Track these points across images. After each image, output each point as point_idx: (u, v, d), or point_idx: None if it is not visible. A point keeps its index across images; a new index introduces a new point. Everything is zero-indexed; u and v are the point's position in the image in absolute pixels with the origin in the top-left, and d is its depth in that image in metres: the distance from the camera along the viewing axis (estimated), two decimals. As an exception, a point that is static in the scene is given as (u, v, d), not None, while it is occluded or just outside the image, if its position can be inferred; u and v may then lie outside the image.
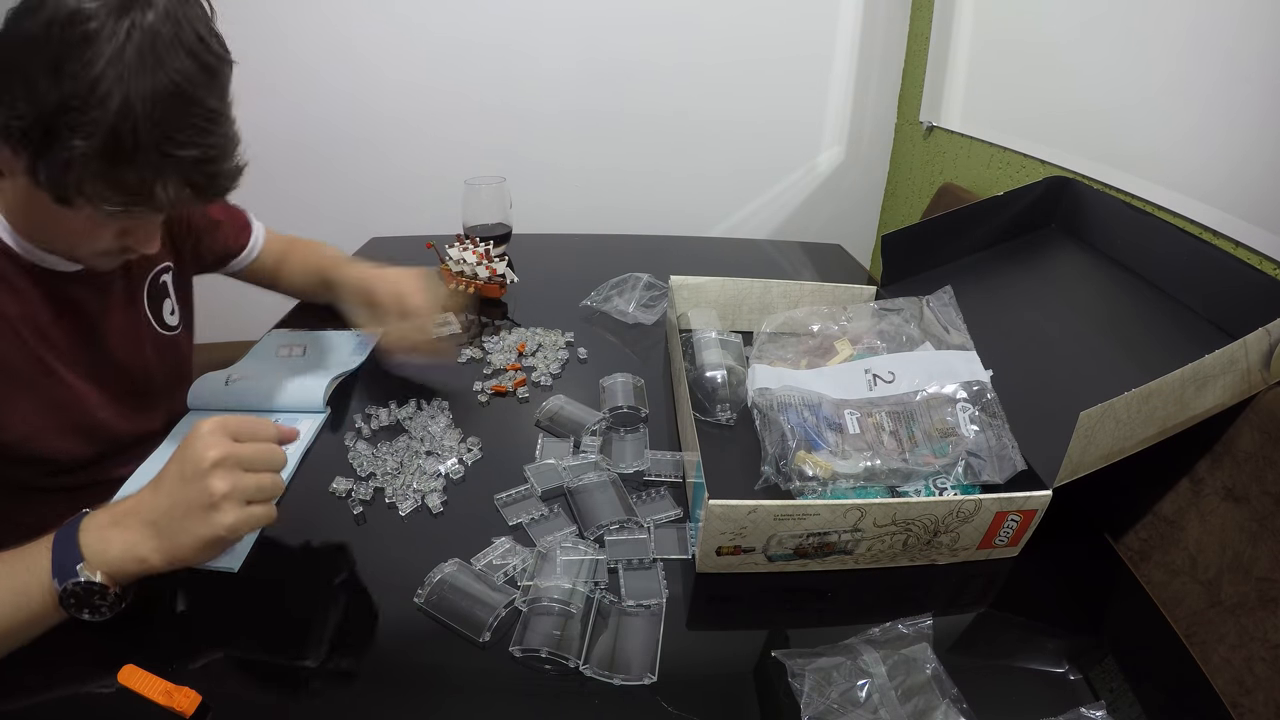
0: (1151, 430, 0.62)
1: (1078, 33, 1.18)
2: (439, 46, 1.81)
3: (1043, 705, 0.50)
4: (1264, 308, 0.62)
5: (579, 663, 0.52)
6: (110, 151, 0.51)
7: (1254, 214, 0.82)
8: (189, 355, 0.87)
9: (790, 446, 0.68)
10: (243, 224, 0.96)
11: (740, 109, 1.92)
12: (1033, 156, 1.29)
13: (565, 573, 0.58)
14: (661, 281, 1.11)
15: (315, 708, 0.50)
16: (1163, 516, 0.67)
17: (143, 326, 0.78)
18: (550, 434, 0.79)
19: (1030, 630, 0.60)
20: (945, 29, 1.61)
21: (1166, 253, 0.79)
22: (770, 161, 2.02)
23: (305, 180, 1.89)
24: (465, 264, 1.10)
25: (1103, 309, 0.83)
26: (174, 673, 0.48)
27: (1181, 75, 0.96)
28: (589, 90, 1.88)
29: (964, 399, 0.72)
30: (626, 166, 1.98)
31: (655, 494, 0.69)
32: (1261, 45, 0.83)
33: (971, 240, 0.98)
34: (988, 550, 0.64)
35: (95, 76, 0.49)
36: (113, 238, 0.62)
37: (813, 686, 0.50)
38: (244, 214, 0.97)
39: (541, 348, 0.97)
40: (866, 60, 1.88)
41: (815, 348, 0.85)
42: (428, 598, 0.57)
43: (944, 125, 1.65)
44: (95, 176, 0.52)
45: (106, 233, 0.61)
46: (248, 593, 0.58)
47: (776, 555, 0.60)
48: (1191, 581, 0.61)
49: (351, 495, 0.68)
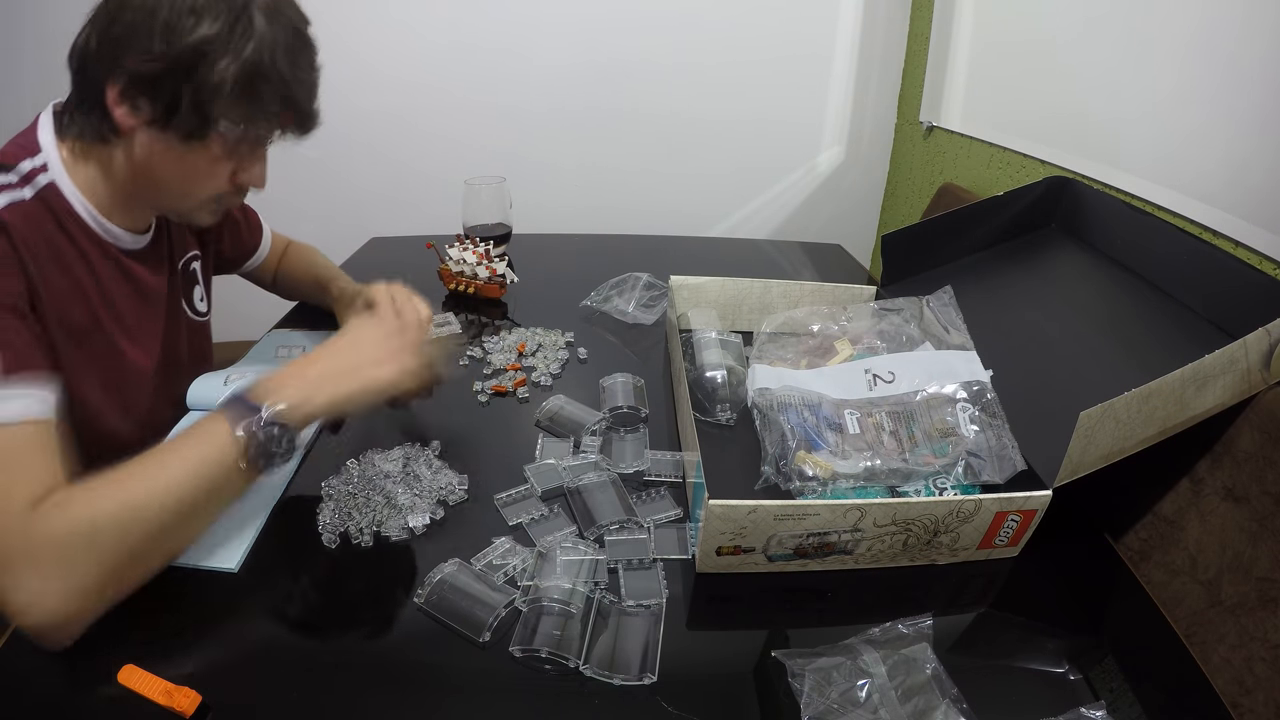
0: (1151, 430, 0.62)
1: (1078, 33, 1.18)
2: (440, 47, 1.81)
3: (1043, 705, 0.50)
4: (1264, 308, 0.62)
5: (579, 663, 0.52)
6: (254, 73, 0.59)
7: (1254, 214, 0.83)
8: (211, 344, 0.90)
9: (790, 446, 0.68)
10: (257, 224, 0.98)
11: (740, 109, 1.92)
12: (1033, 156, 1.29)
13: (565, 573, 0.58)
14: (661, 281, 1.11)
15: (315, 708, 0.50)
16: (1163, 516, 0.67)
17: (181, 311, 0.81)
18: (550, 434, 0.79)
19: (1030, 630, 0.60)
20: (945, 29, 1.61)
21: (1166, 253, 0.79)
22: (770, 161, 2.02)
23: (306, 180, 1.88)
24: (465, 264, 1.10)
25: (1103, 309, 0.83)
26: (174, 673, 0.48)
27: (1182, 75, 0.96)
28: (589, 90, 1.88)
29: (964, 399, 0.72)
30: (627, 166, 1.98)
31: (655, 494, 0.69)
32: (1263, 46, 0.83)
33: (971, 240, 0.98)
34: (988, 550, 0.64)
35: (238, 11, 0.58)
36: (227, 178, 0.66)
37: (813, 686, 0.50)
38: (257, 215, 0.98)
39: (541, 348, 0.97)
40: (866, 60, 1.88)
41: (815, 348, 0.85)
42: (428, 598, 0.57)
43: (944, 125, 1.65)
44: (239, 98, 0.59)
45: (223, 171, 0.65)
46: (248, 593, 0.58)
47: (776, 555, 0.60)
48: (1191, 581, 0.61)
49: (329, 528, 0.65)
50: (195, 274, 0.84)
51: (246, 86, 0.59)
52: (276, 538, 0.63)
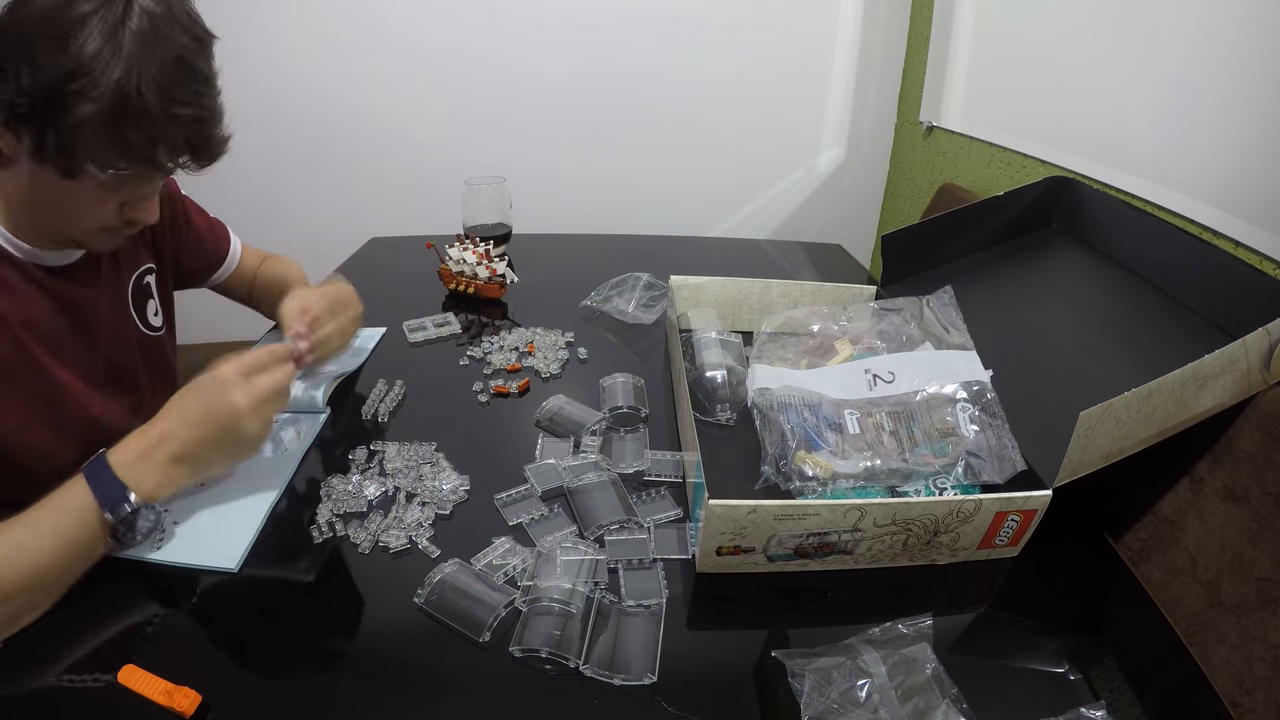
0: (1151, 430, 0.62)
1: (1078, 33, 1.18)
2: (441, 49, 1.81)
3: (1043, 705, 0.50)
4: (1264, 308, 0.62)
5: (579, 663, 0.52)
6: (118, 113, 0.55)
7: (1254, 214, 0.83)
8: (173, 357, 0.88)
9: (790, 446, 0.68)
10: (223, 234, 0.96)
11: (741, 109, 1.92)
12: (1033, 156, 1.29)
13: (565, 573, 0.57)
14: (661, 281, 1.11)
15: (315, 707, 0.50)
16: (1163, 516, 0.67)
17: (130, 325, 0.79)
18: (550, 434, 0.79)
19: (1030, 630, 0.60)
20: (945, 29, 1.61)
21: (1166, 253, 0.79)
22: (770, 162, 2.02)
23: (306, 181, 1.89)
24: (465, 264, 1.10)
25: (1103, 309, 0.83)
26: (174, 673, 0.48)
27: (1182, 75, 0.96)
28: (589, 91, 1.88)
29: (964, 399, 0.72)
30: (627, 167, 1.99)
31: (655, 494, 0.69)
32: (1263, 46, 0.83)
33: (971, 240, 0.98)
34: (988, 550, 0.64)
35: (100, 46, 0.53)
36: (114, 211, 0.64)
37: (813, 686, 0.50)
38: (224, 226, 0.96)
39: (541, 348, 0.97)
40: (866, 61, 1.88)
41: (815, 348, 0.85)
42: (428, 598, 0.57)
43: (944, 125, 1.65)
44: (103, 140, 0.56)
45: (109, 205, 0.63)
46: (248, 593, 0.58)
47: (776, 555, 0.60)
48: (1191, 581, 0.61)
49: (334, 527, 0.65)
50: (150, 288, 0.82)
51: (116, 126, 0.55)
52: (276, 538, 0.63)
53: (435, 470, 0.71)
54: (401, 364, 0.94)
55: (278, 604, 0.58)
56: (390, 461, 0.72)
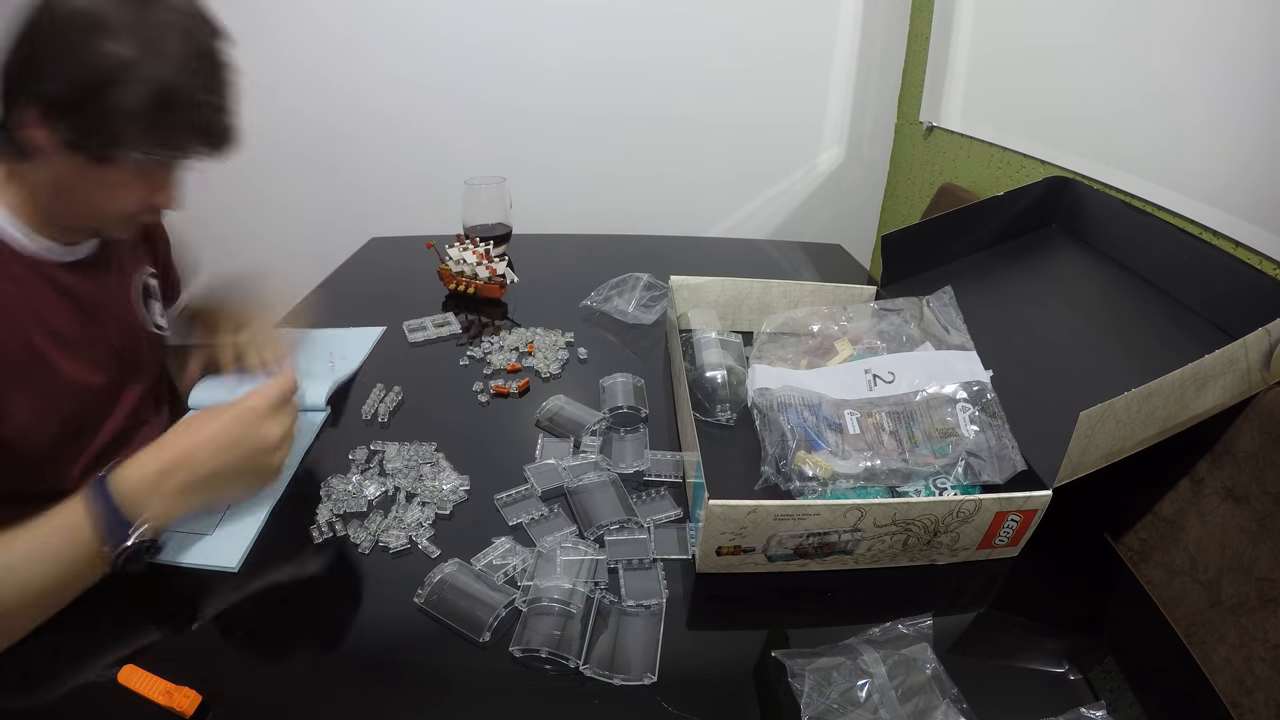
0: (1151, 430, 0.62)
1: (1078, 33, 1.18)
2: (440, 47, 1.81)
3: (1043, 705, 0.50)
4: (1264, 308, 0.62)
5: (579, 663, 0.52)
6: (158, 102, 0.58)
7: (1254, 214, 0.83)
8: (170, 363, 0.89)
9: (790, 446, 0.68)
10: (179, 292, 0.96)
11: (740, 109, 1.92)
12: (1033, 156, 1.29)
13: (565, 573, 0.58)
14: (661, 281, 1.11)
15: (315, 707, 0.50)
16: (1163, 516, 0.67)
17: (138, 320, 0.80)
18: (550, 434, 0.79)
19: (1030, 630, 0.60)
20: (945, 29, 1.61)
21: (1166, 253, 0.79)
22: (770, 162, 2.02)
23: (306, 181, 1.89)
24: (465, 264, 1.10)
25: (1103, 309, 0.83)
26: (174, 673, 0.48)
27: (1182, 75, 0.96)
28: (590, 91, 1.88)
29: (964, 399, 0.72)
30: (627, 166, 1.98)
31: (655, 494, 0.69)
32: (1262, 45, 0.83)
33: (971, 240, 0.98)
34: (988, 550, 0.64)
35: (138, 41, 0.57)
36: (139, 198, 0.66)
37: (813, 686, 0.50)
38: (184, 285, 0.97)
39: (541, 348, 0.97)
40: (866, 60, 1.88)
41: (815, 348, 0.85)
42: (428, 598, 0.57)
43: (944, 125, 1.65)
44: (143, 128, 0.59)
45: (135, 191, 0.65)
46: (248, 593, 0.58)
47: (776, 555, 0.60)
48: (1191, 581, 0.61)
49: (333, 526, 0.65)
50: (154, 289, 0.84)
51: (156, 113, 0.58)
52: (276, 538, 0.63)
53: (435, 470, 0.71)
54: (401, 364, 0.94)
55: (277, 604, 0.58)
56: (390, 461, 0.72)
